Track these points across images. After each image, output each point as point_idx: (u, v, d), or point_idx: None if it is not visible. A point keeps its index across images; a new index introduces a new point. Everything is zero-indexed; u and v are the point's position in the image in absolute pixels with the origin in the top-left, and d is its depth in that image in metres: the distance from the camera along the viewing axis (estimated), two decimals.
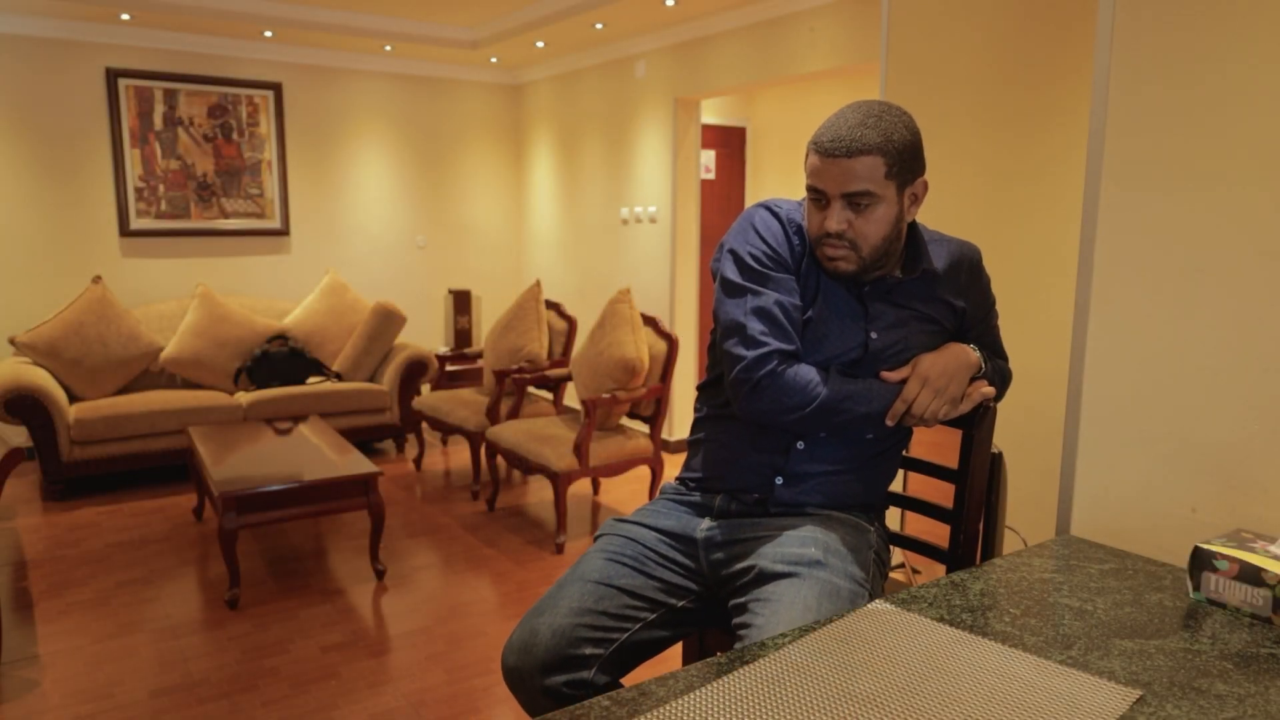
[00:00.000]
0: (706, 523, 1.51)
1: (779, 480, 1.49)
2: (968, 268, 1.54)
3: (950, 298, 1.52)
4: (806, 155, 1.41)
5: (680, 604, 1.47)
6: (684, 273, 5.30)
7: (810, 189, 1.41)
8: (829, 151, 1.35)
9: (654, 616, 1.44)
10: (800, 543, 1.39)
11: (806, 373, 1.40)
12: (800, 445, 1.48)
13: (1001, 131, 2.61)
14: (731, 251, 1.47)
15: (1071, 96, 2.45)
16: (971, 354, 1.50)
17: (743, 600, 1.36)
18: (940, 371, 1.43)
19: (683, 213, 5.23)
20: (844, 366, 1.46)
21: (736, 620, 1.35)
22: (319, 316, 5.46)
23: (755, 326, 1.40)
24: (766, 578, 1.35)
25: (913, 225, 1.50)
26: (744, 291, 1.43)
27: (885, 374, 1.44)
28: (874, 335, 1.46)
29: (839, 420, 1.41)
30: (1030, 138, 2.55)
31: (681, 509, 1.55)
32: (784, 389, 1.38)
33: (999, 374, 1.59)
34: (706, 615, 1.51)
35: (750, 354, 1.39)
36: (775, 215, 1.49)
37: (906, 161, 1.38)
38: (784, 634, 1.12)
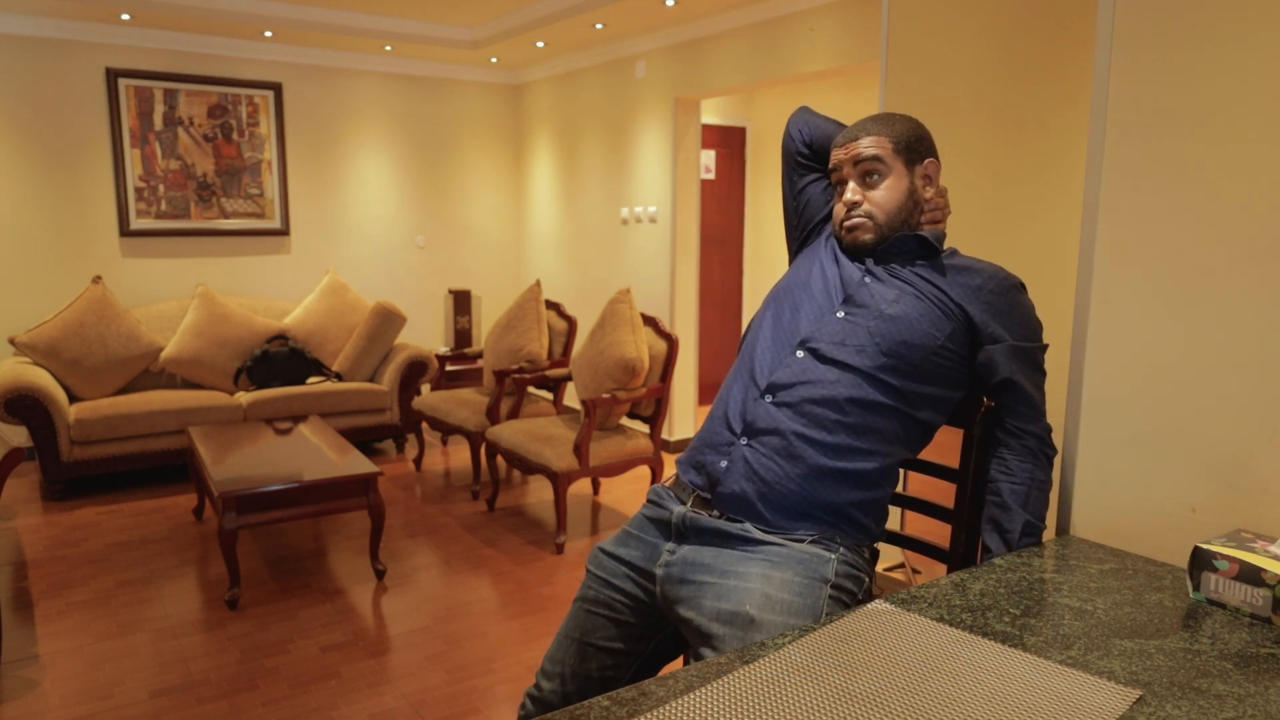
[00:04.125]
0: (666, 553, 1.49)
1: (742, 439, 1.46)
2: (989, 280, 1.50)
3: (951, 291, 1.49)
4: (829, 162, 1.66)
5: (650, 649, 1.54)
6: (684, 273, 5.30)
7: (832, 173, 1.63)
8: (841, 144, 1.61)
9: (630, 672, 1.54)
10: (738, 596, 1.36)
11: None
12: (770, 399, 1.46)
13: (1002, 131, 2.61)
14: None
15: (1072, 95, 2.45)
16: None
17: (688, 652, 1.44)
18: None
19: (683, 213, 5.23)
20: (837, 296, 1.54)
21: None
22: (319, 316, 5.46)
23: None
24: (700, 636, 1.38)
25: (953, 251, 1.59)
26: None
27: None
28: (868, 280, 1.53)
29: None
30: (1031, 137, 2.55)
31: (651, 529, 1.54)
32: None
33: (1027, 532, 1.45)
34: (672, 649, 1.56)
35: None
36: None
37: (910, 143, 1.56)
38: (784, 634, 1.12)
